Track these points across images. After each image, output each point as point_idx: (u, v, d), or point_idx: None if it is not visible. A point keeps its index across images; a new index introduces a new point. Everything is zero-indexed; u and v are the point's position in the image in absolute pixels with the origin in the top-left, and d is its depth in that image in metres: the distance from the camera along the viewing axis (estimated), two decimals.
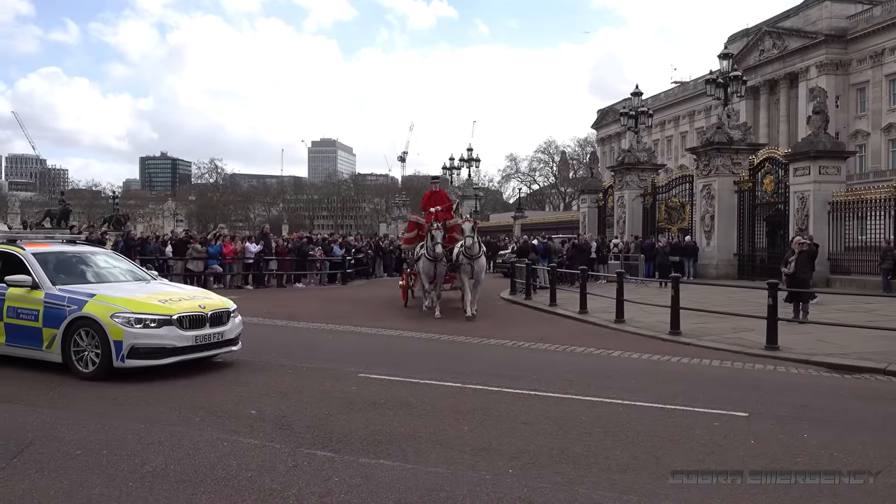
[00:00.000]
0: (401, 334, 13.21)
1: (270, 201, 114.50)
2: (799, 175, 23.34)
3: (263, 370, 9.12)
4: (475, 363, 10.26)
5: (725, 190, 26.98)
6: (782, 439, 6.40)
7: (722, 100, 28.10)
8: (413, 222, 18.14)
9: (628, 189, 32.73)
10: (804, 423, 6.92)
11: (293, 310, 16.86)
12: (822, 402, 7.96)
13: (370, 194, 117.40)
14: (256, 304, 17.54)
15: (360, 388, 8.09)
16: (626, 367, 10.16)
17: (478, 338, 12.65)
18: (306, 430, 6.39)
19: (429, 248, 15.72)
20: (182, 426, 6.48)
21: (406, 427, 6.52)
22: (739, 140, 27.42)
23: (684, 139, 75.37)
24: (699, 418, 7.08)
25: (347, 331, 13.65)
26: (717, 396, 8.10)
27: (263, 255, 24.62)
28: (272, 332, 13.15)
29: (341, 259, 27.44)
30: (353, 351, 11.20)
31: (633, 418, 7.01)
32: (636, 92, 34.72)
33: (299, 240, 27.29)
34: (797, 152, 23.78)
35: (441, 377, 8.81)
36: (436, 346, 11.98)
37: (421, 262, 16.03)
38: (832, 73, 55.99)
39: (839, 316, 14.08)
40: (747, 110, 61.38)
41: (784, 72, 60.47)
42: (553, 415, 7.08)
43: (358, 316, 15.84)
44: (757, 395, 8.23)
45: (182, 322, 8.67)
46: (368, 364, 9.65)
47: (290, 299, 20.18)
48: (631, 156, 33.39)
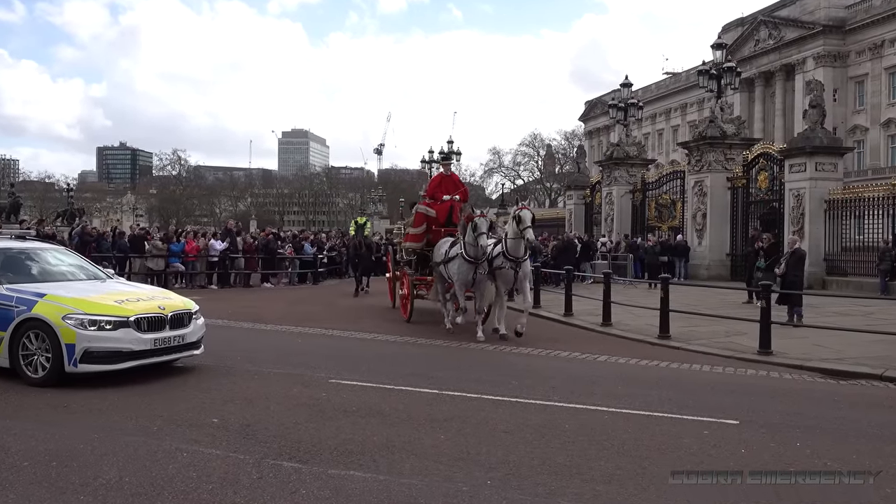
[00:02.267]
0: (375, 338, 13.19)
1: (238, 195, 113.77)
2: (795, 172, 23.62)
3: (227, 376, 9.07)
4: (453, 368, 10.27)
5: (718, 187, 27.24)
6: (774, 448, 6.47)
7: (715, 92, 28.32)
8: (421, 214, 15.08)
9: (617, 185, 32.92)
10: (797, 431, 7.01)
11: (260, 311, 16.78)
12: (815, 410, 8.06)
13: (344, 189, 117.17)
14: (221, 305, 17.43)
15: (331, 395, 8.06)
16: (613, 373, 10.22)
17: (456, 341, 12.66)
18: (272, 439, 6.35)
19: (467, 244, 12.76)
20: (138, 436, 6.42)
21: (379, 436, 6.51)
22: (733, 134, 27.69)
23: (676, 133, 75.98)
24: (688, 426, 7.14)
25: (318, 334, 13.61)
26: (707, 403, 8.18)
27: (229, 253, 24.46)
28: (237, 335, 13.09)
29: (312, 257, 27.36)
30: (324, 355, 11.17)
31: (618, 426, 7.05)
32: (626, 83, 34.90)
33: (268, 237, 27.12)
34: (793, 148, 24.06)
35: (417, 383, 8.81)
36: (412, 351, 11.98)
37: (455, 264, 13.00)
38: (830, 65, 56.73)
39: (835, 319, 14.27)
40: (742, 103, 62.05)
41: (780, 63, 61.17)
42: (535, 422, 7.10)
43: (329, 318, 15.79)
44: (748, 401, 8.31)
45: (140, 324, 8.58)
46: (340, 369, 9.63)
47: (258, 300, 20.09)
48: (620, 150, 33.58)
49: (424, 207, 15.21)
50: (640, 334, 13.47)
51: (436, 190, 15.43)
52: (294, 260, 26.95)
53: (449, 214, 14.91)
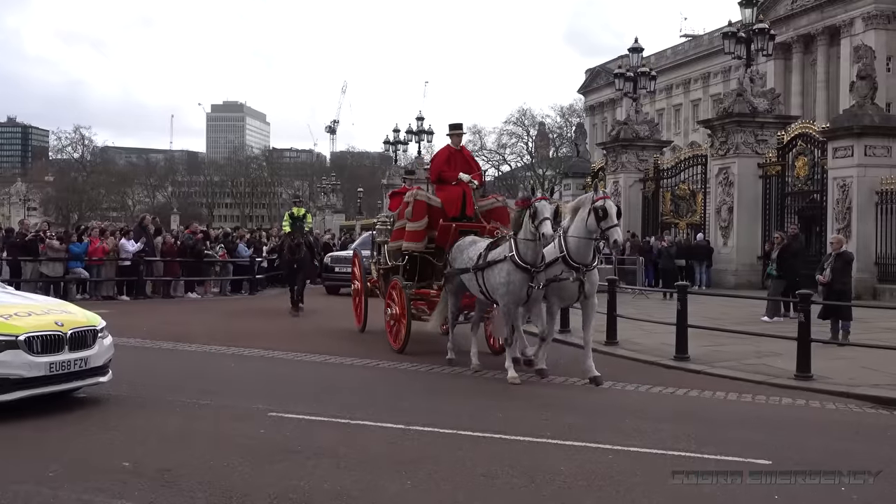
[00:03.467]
0: (326, 360, 13.17)
1: (156, 183, 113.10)
2: (839, 157, 23.92)
3: (142, 409, 9.00)
4: (424, 397, 10.28)
5: (747, 175, 27.53)
6: (813, 494, 6.55)
7: (744, 59, 28.65)
8: (422, 203, 13.54)
9: (624, 172, 33.17)
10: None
11: (184, 328, 16.69)
12: (864, 447, 8.18)
13: (289, 175, 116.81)
14: (134, 320, 17.30)
15: (271, 432, 8.04)
16: (618, 402, 10.27)
17: (427, 364, 12.68)
18: (197, 487, 6.32)
19: (522, 241, 11.07)
20: (29, 483, 6.35)
21: (331, 482, 6.49)
22: (766, 111, 28.02)
23: (696, 109, 76.75)
24: (710, 466, 7.19)
25: (256, 356, 13.56)
26: (734, 439, 8.25)
27: (144, 256, 24.27)
28: (155, 358, 12.99)
29: (249, 261, 27.23)
30: (264, 382, 11.11)
31: (625, 468, 7.09)
32: (635, 47, 35.14)
33: (193, 235, 26.94)
34: (837, 128, 24.38)
35: (378, 416, 8.79)
36: (372, 376, 11.98)
37: (499, 271, 11.21)
38: (883, 27, 57.57)
39: (889, 336, 14.44)
40: (776, 73, 62.81)
41: (822, 25, 62.00)
42: (523, 464, 7.13)
43: (270, 336, 15.73)
44: (783, 437, 8.43)
45: (31, 344, 8.50)
46: (283, 399, 9.58)
47: (180, 314, 19.98)
48: (628, 129, 33.85)
49: (425, 194, 13.95)
50: (652, 355, 13.56)
51: (443, 170, 13.94)
52: (226, 264, 26.82)
53: (462, 204, 13.57)
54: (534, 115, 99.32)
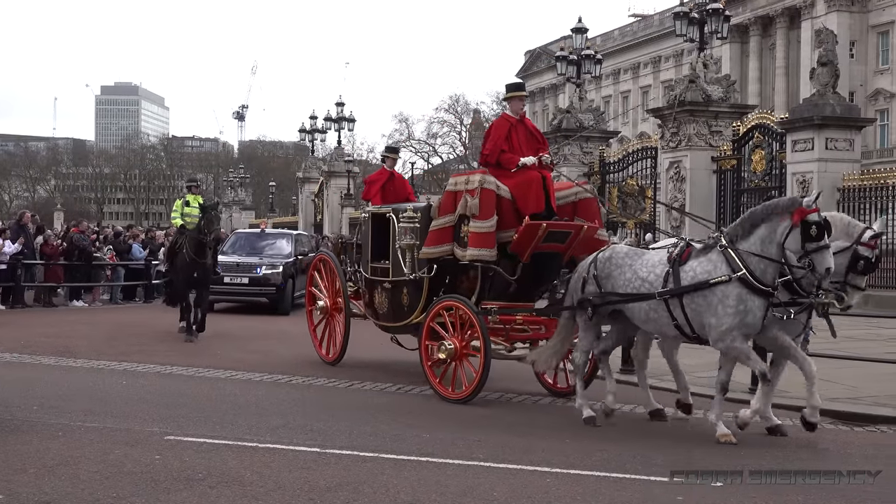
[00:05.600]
0: (233, 376, 13.08)
1: (36, 176, 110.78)
2: (799, 150, 24.49)
3: (18, 433, 8.81)
4: (341, 417, 10.26)
5: (700, 169, 27.96)
6: None
7: (697, 42, 29.12)
8: (491, 193, 11.07)
9: (567, 165, 33.43)
10: (799, 496, 7.30)
11: (68, 341, 16.40)
12: (822, 464, 8.40)
13: (191, 167, 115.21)
14: (11, 331, 17.10)
15: (168, 458, 7.95)
16: (558, 421, 10.43)
17: (346, 380, 12.68)
18: None
19: (754, 258, 9.24)
20: None
21: None
22: (720, 99, 28.50)
23: (646, 96, 78.15)
24: (657, 490, 7.36)
25: (151, 372, 13.40)
26: (683, 461, 8.42)
27: (23, 259, 23.77)
28: (35, 376, 12.73)
29: (144, 265, 26.87)
30: (159, 402, 10.96)
31: (564, 493, 7.20)
32: (579, 27, 35.46)
33: (81, 234, 26.46)
34: (796, 119, 24.95)
35: (291, 438, 8.78)
36: (286, 394, 11.93)
37: (722, 296, 9.26)
38: (845, 9, 59.26)
39: (848, 346, 14.80)
40: (732, 58, 64.35)
41: (782, 6, 63.61)
42: (452, 490, 7.18)
43: (168, 350, 15.59)
44: (737, 452, 8.63)
45: None
46: (181, 421, 9.50)
47: (64, 324, 19.58)
48: (571, 118, 34.20)
49: (493, 181, 11.16)
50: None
51: (503, 146, 11.47)
52: (117, 268, 26.43)
53: (546, 195, 11.30)
54: (467, 101, 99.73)
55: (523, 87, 12.71)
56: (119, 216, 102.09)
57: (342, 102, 54.59)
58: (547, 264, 11.57)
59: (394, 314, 12.66)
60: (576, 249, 11.35)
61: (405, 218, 11.95)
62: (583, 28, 35.43)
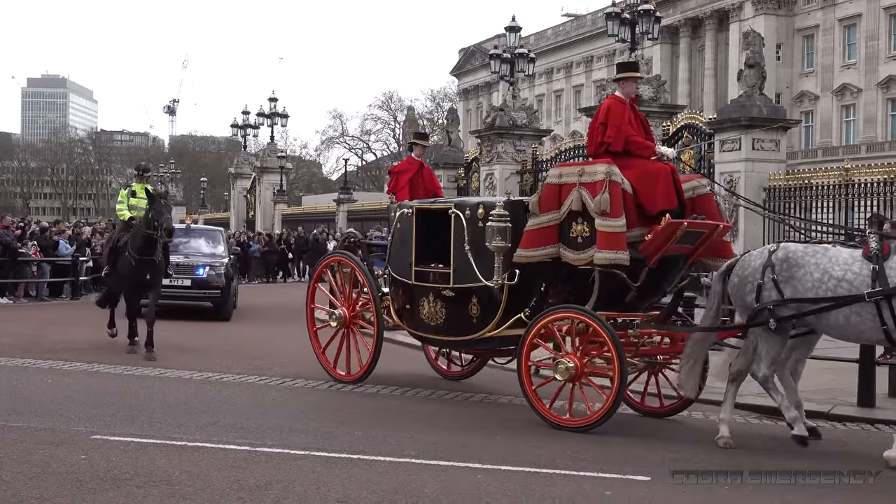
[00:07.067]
0: (161, 374, 12.95)
1: None
2: (727, 150, 24.93)
3: None
4: (272, 415, 10.23)
5: None
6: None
7: (629, 42, 29.49)
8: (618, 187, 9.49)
9: (500, 163, 33.63)
10: (723, 488, 7.46)
11: None
12: (753, 461, 8.59)
13: (120, 162, 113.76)
14: None
15: (95, 457, 7.84)
16: (491, 414, 10.47)
17: (278, 377, 12.63)
18: None
19: None
20: None
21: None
22: (651, 99, 28.90)
23: (578, 96, 78.88)
24: (586, 485, 7.44)
25: (78, 370, 13.21)
26: (612, 457, 8.54)
27: None
28: None
29: (71, 261, 26.46)
30: (86, 401, 10.82)
31: (495, 489, 7.24)
32: (513, 26, 35.62)
33: (5, 230, 25.97)
34: (724, 119, 25.38)
35: (221, 437, 8.72)
36: (214, 392, 11.82)
37: None
38: (773, 11, 60.50)
39: None
40: (663, 59, 65.33)
41: (711, 8, 64.73)
42: (384, 487, 7.18)
43: (96, 347, 15.34)
44: (662, 450, 8.78)
45: None
46: (108, 421, 9.39)
47: None
48: (504, 116, 34.32)
49: (619, 173, 9.60)
50: None
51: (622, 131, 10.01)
52: (42, 264, 25.97)
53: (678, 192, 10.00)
54: (401, 98, 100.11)
55: (637, 66, 11.45)
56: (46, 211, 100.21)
57: (275, 98, 54.24)
58: (671, 269, 10.21)
59: (455, 327, 11.03)
60: (702, 252, 10.12)
61: (496, 216, 10.06)
62: (516, 27, 35.66)
